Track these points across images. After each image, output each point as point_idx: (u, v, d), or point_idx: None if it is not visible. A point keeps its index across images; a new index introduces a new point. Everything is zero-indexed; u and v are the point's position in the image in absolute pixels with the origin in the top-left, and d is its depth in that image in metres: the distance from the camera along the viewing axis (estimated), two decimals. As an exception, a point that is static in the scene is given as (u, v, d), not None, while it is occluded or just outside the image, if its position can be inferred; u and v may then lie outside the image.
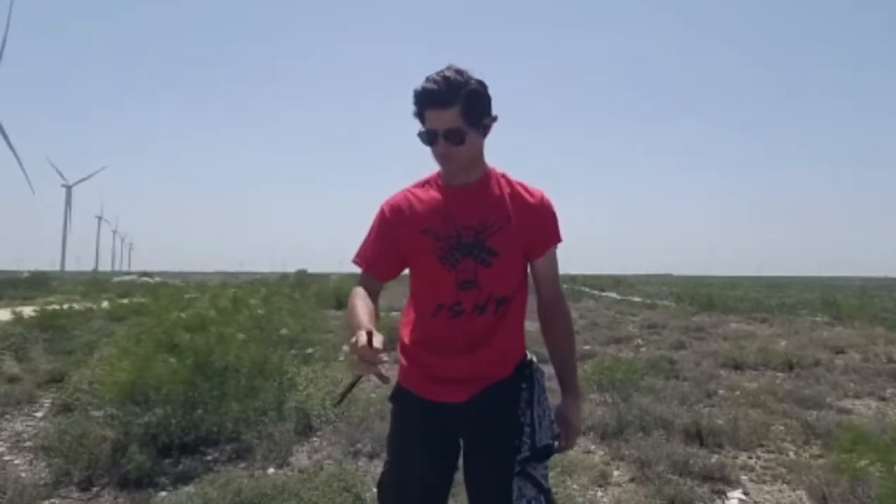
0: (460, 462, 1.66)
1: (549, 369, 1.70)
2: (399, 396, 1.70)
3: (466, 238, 1.56)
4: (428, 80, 1.50)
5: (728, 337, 9.98)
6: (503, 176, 1.64)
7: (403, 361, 1.69)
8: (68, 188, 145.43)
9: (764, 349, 8.12)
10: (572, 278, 48.77)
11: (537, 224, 1.61)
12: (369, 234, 1.68)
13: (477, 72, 1.52)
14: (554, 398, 1.65)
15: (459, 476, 1.66)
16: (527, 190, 1.63)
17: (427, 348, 1.62)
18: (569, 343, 1.69)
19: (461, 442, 1.63)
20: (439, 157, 1.55)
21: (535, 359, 1.68)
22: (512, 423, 1.55)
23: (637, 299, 21.61)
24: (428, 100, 1.50)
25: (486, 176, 1.62)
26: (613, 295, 25.43)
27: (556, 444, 1.63)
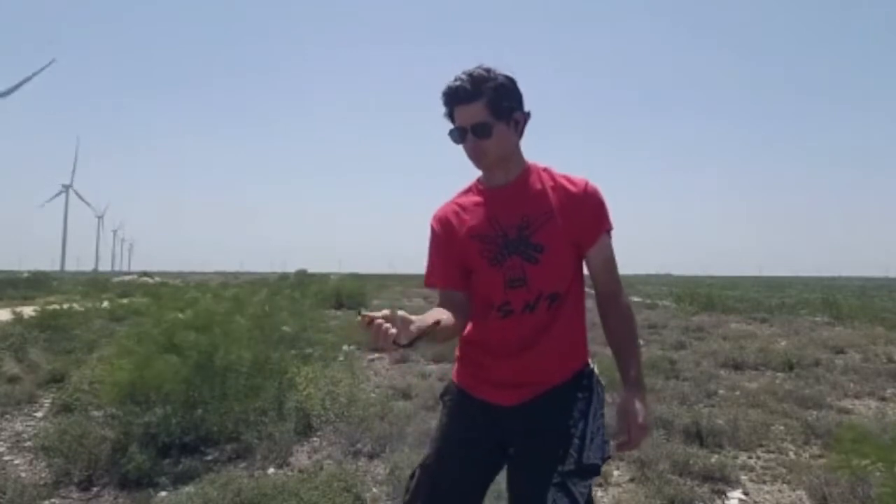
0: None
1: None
2: (450, 393, 1.71)
3: (512, 236, 1.54)
4: (454, 78, 1.51)
5: (728, 337, 9.97)
6: (545, 170, 1.61)
7: (459, 360, 1.71)
8: (68, 188, 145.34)
9: (764, 349, 8.12)
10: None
11: (582, 213, 1.55)
12: (430, 254, 1.68)
13: (506, 67, 1.52)
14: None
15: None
16: (570, 181, 1.58)
17: (481, 349, 1.62)
18: (629, 336, 1.61)
19: (508, 448, 1.58)
20: (470, 153, 1.55)
21: (596, 369, 1.64)
22: (561, 432, 1.49)
23: (637, 299, 21.59)
24: (454, 97, 1.51)
25: (526, 172, 1.60)
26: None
27: (616, 444, 1.54)
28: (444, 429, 1.67)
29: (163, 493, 3.28)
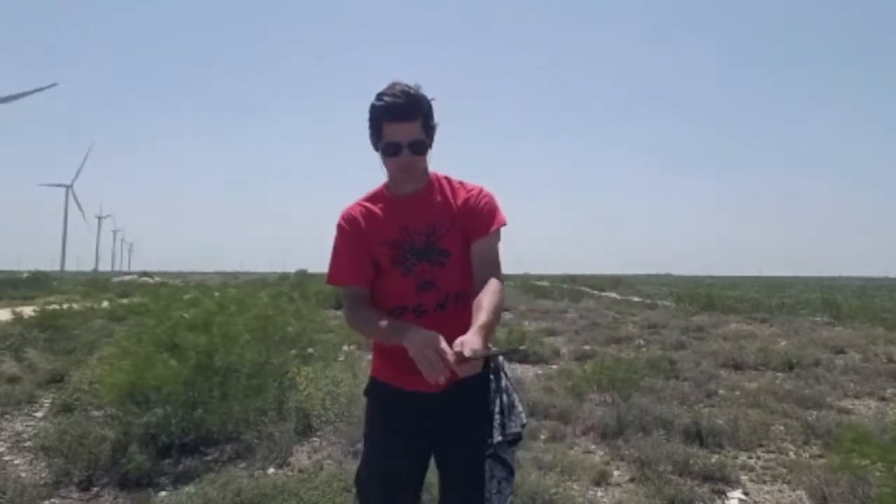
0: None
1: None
2: (374, 389, 1.79)
3: (419, 243, 1.67)
4: (387, 94, 1.58)
5: (728, 337, 9.96)
6: (445, 178, 1.76)
7: (376, 356, 1.78)
8: (68, 188, 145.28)
9: (764, 349, 8.11)
10: (572, 278, 48.72)
11: (475, 213, 1.70)
12: (339, 252, 1.71)
13: (420, 84, 1.62)
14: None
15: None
16: (465, 187, 1.74)
17: (399, 347, 1.63)
18: (495, 297, 1.56)
19: (435, 431, 1.70)
20: (400, 167, 1.64)
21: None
22: (483, 411, 1.65)
23: (637, 299, 21.60)
24: (392, 113, 1.58)
25: (430, 183, 1.73)
26: (613, 295, 25.42)
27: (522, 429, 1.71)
28: (375, 425, 1.78)
29: (163, 493, 3.28)
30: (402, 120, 1.58)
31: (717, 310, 15.67)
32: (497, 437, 1.63)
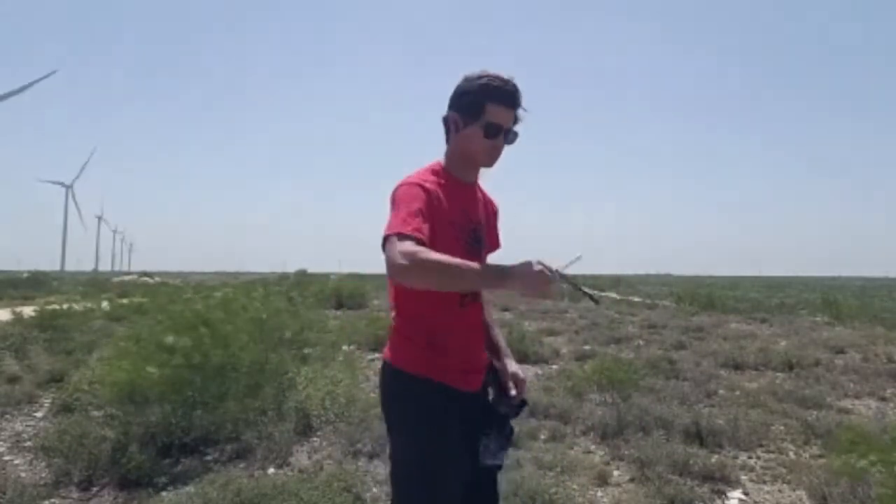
0: None
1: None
2: (428, 390, 1.59)
3: (478, 232, 1.70)
4: (496, 78, 1.59)
5: (728, 337, 9.97)
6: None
7: (428, 354, 1.61)
8: (68, 188, 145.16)
9: (764, 349, 8.12)
10: (572, 278, 48.58)
11: (494, 224, 1.85)
12: (417, 208, 1.49)
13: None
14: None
15: None
16: (486, 194, 1.83)
17: (458, 337, 1.64)
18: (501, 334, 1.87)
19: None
20: (493, 152, 1.64)
21: None
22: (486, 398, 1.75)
23: (637, 299, 21.59)
24: (503, 97, 1.59)
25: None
26: (613, 295, 25.40)
27: (512, 410, 1.78)
28: (435, 426, 1.59)
29: (163, 493, 3.28)
30: (509, 106, 1.60)
31: (717, 310, 15.67)
32: (503, 409, 1.71)
